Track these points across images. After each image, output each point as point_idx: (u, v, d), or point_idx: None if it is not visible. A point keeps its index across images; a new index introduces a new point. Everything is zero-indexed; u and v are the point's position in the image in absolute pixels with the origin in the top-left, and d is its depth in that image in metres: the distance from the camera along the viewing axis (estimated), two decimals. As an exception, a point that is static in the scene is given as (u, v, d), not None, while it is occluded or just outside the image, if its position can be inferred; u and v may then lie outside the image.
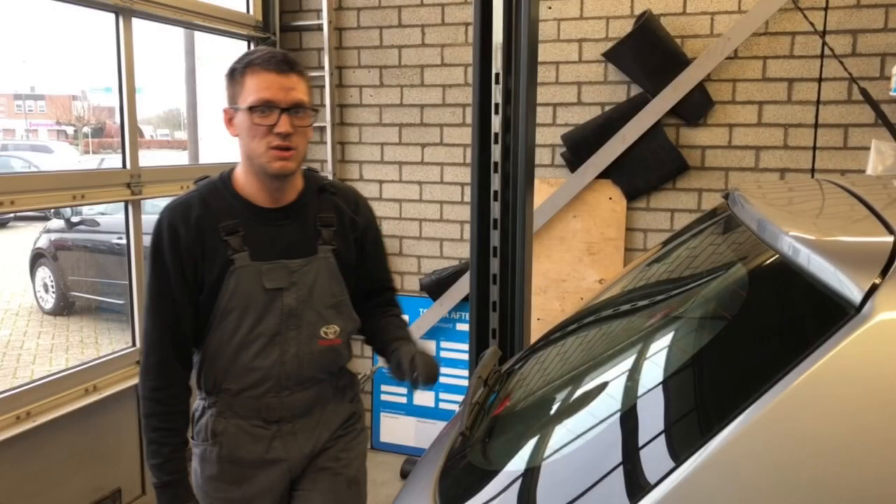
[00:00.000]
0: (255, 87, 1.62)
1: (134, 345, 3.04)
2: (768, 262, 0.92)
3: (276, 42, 3.83)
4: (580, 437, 0.90)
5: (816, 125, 3.07)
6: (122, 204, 2.97)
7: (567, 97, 3.49)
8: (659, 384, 0.87)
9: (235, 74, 1.67)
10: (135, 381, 2.95)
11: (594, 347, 1.19)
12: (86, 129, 19.29)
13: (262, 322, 1.69)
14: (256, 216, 1.72)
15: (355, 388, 1.97)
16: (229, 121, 1.71)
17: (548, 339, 1.48)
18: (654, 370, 0.92)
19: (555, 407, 1.07)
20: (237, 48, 3.78)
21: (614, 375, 0.99)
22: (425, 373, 1.66)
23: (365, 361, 3.94)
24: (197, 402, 1.84)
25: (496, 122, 2.54)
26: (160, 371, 1.71)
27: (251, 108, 1.61)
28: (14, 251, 8.29)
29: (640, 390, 0.89)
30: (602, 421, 0.89)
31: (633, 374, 0.94)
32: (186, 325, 1.71)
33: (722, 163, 3.32)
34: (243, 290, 1.67)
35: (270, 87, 1.61)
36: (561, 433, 0.96)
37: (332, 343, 1.78)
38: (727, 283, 0.99)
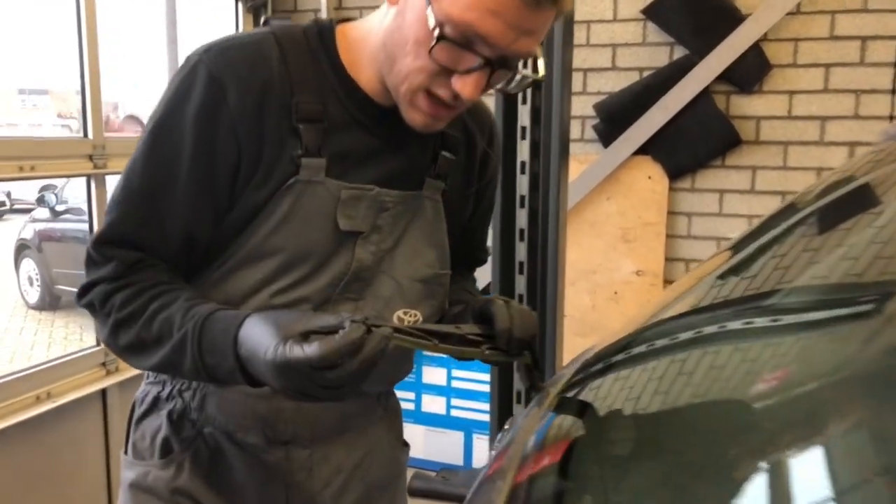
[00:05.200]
0: (474, 3, 0.87)
1: (98, 344, 2.62)
2: None
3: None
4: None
5: (895, 91, 2.63)
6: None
7: (600, 61, 3.05)
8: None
9: None
10: (98, 386, 2.55)
11: (736, 384, 0.74)
12: (86, 122, 18.89)
13: (310, 280, 1.02)
14: (357, 108, 1.03)
15: (400, 418, 1.32)
16: None
17: (624, 358, 1.03)
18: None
19: (688, 471, 0.64)
20: (223, 12, 3.36)
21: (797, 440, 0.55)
22: (521, 324, 1.02)
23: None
24: (143, 389, 1.15)
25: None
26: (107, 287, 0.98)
27: (441, 34, 0.90)
28: (6, 245, 7.88)
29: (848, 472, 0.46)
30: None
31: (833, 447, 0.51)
32: (178, 254, 1.01)
33: (780, 136, 2.88)
34: (302, 223, 1.00)
35: (500, 14, 0.87)
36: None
37: None
38: None
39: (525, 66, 1.09)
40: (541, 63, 1.06)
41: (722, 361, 0.78)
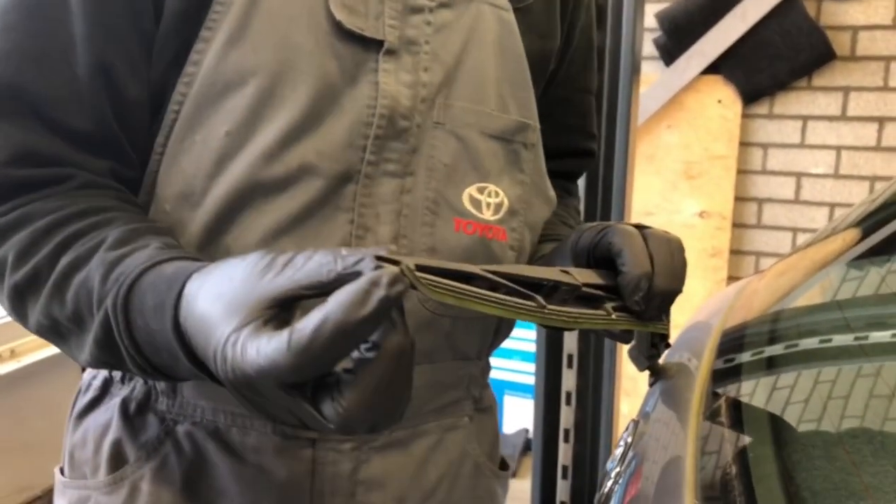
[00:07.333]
0: None
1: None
2: None
3: None
4: None
5: None
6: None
7: (663, -38, 2.57)
8: None
9: None
10: (74, 342, 2.22)
11: None
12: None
13: (314, 128, 0.61)
14: None
15: (496, 422, 0.85)
16: None
17: (788, 352, 0.69)
18: None
19: None
20: None
21: None
22: (667, 267, 0.65)
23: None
24: (92, 370, 0.74)
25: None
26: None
27: None
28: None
29: None
30: None
31: None
32: (100, 123, 0.60)
33: (882, 49, 2.40)
34: (272, 15, 0.60)
35: None
36: None
37: (487, 231, 0.69)
38: None
39: None
40: None
41: None
